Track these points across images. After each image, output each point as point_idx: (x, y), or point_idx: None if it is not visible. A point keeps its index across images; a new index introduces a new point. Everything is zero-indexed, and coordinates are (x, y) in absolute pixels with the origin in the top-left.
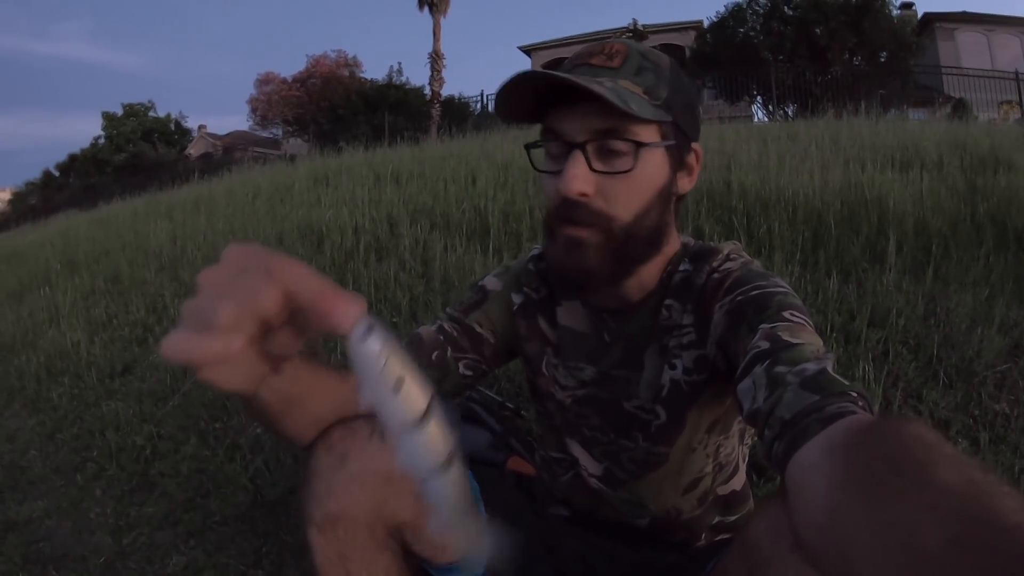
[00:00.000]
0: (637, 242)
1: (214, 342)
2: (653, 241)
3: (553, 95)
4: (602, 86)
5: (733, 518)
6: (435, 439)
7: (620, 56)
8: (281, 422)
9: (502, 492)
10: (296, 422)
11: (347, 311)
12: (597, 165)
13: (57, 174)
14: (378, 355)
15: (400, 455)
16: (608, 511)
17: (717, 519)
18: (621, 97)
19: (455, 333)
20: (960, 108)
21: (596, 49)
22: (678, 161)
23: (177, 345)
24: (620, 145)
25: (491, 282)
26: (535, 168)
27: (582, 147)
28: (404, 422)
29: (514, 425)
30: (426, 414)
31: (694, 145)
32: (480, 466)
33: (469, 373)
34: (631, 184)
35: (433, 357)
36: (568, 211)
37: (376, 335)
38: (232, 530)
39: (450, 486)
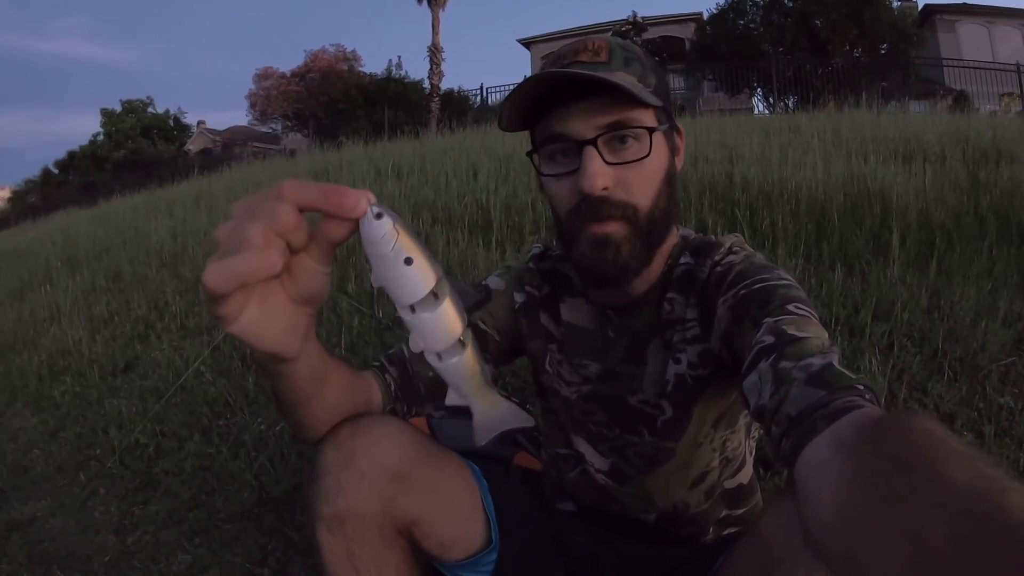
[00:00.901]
0: (657, 227)
1: (252, 256)
2: (667, 225)
3: (548, 99)
4: (616, 78)
5: (740, 511)
6: (448, 315)
7: (605, 51)
8: (308, 405)
9: (509, 488)
10: (321, 404)
11: (357, 198)
12: (610, 158)
13: (56, 171)
14: (388, 234)
15: (412, 332)
16: (615, 506)
17: (724, 512)
18: (636, 87)
19: None
20: (961, 100)
21: (579, 47)
22: (672, 142)
23: (219, 269)
24: (633, 133)
25: (494, 281)
26: (540, 174)
27: (594, 143)
28: (416, 298)
29: None
30: (437, 290)
31: (678, 125)
32: (487, 461)
33: None
34: (644, 171)
35: None
36: (592, 208)
37: (386, 217)
38: (237, 528)
39: (465, 362)
